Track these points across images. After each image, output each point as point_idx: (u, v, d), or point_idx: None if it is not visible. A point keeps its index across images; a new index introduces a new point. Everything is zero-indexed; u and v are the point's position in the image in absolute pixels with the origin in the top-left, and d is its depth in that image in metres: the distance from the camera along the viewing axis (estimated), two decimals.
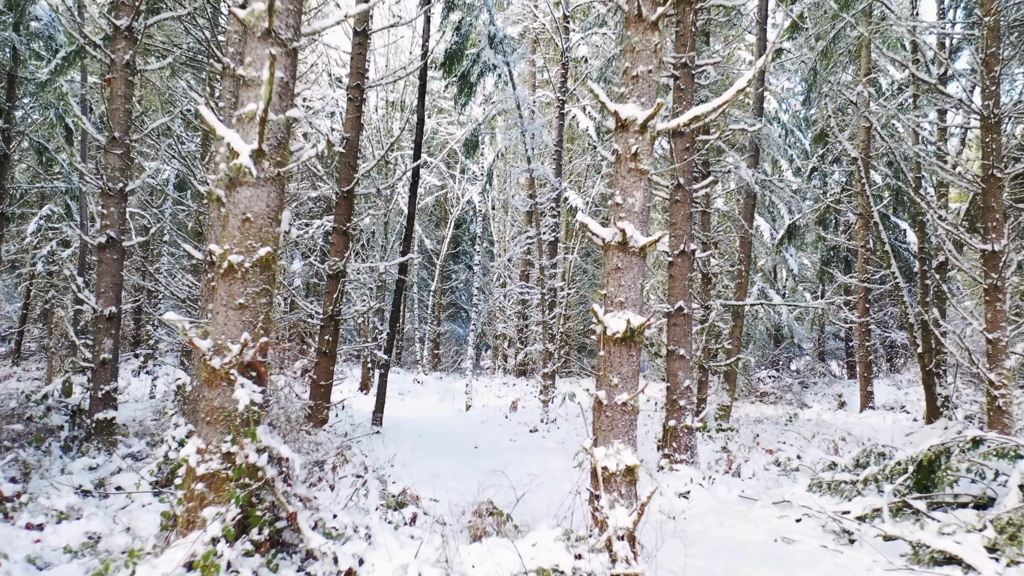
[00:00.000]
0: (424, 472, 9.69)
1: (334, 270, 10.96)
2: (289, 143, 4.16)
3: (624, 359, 4.66)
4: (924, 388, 12.73)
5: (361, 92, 11.03)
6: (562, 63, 15.97)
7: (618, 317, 4.67)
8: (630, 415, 4.66)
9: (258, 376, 4.00)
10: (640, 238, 4.72)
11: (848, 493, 7.41)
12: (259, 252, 4.03)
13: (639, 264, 4.77)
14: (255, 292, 4.02)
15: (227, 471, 3.86)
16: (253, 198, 4.04)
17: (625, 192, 4.77)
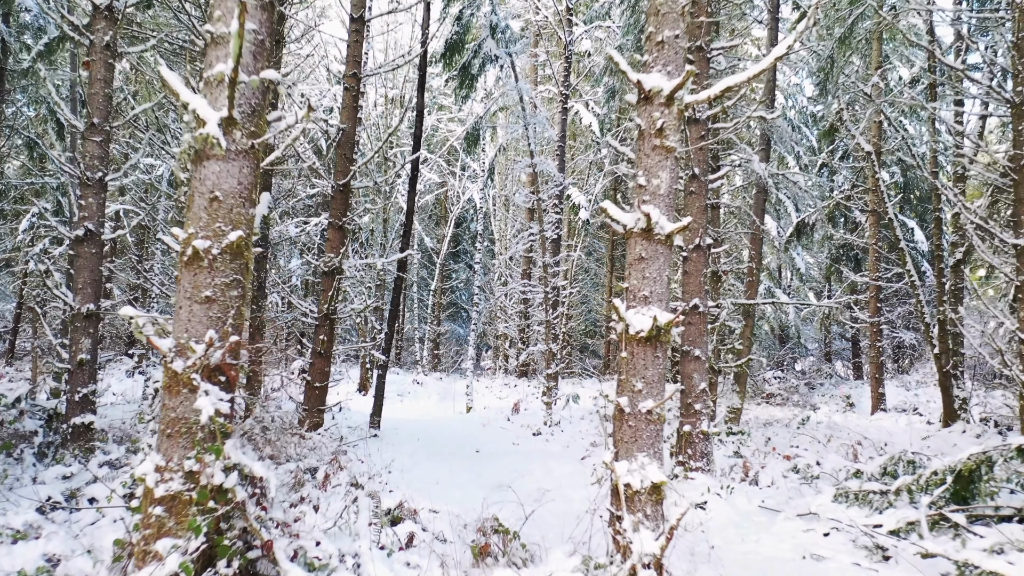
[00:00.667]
0: (423, 479, 9.06)
1: (330, 267, 10.34)
2: (266, 111, 3.53)
3: (649, 361, 4.05)
4: (941, 390, 12.11)
5: (358, 82, 10.42)
6: (565, 56, 15.36)
7: (642, 313, 4.06)
8: (656, 425, 4.05)
9: (227, 382, 3.38)
10: (666, 224, 4.11)
11: (878, 505, 6.79)
12: (229, 236, 3.40)
13: (665, 253, 4.16)
14: (224, 283, 3.40)
15: (190, 493, 3.23)
16: (222, 174, 3.42)
17: (649, 172, 4.15)
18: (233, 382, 3.39)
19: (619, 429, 4.09)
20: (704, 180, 7.93)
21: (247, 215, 3.48)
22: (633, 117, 4.25)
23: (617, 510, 4.02)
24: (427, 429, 13.27)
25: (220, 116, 3.35)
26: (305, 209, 21.90)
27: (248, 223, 3.49)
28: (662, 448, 4.06)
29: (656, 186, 4.13)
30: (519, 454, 10.94)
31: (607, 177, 19.61)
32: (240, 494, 3.26)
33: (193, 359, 3.26)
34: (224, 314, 3.39)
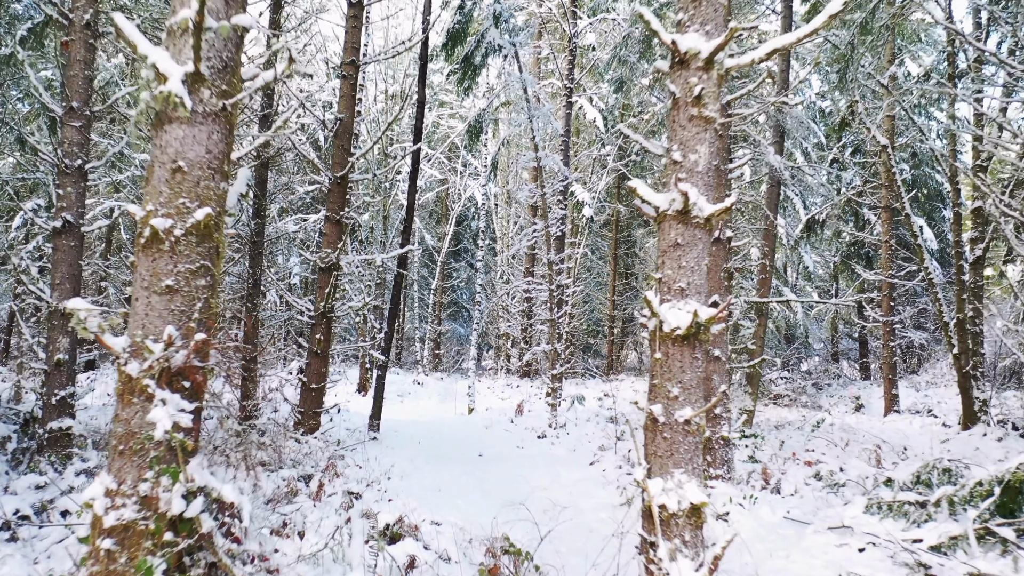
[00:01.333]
0: (424, 485, 8.47)
1: (326, 262, 9.74)
2: (239, 66, 2.93)
3: (686, 363, 3.46)
4: (960, 391, 11.53)
5: (356, 70, 9.83)
6: (569, 49, 14.77)
7: (679, 308, 3.47)
8: (695, 437, 3.46)
9: (192, 388, 2.78)
10: (705, 205, 3.52)
11: (916, 517, 6.21)
12: (195, 215, 2.81)
13: (704, 239, 3.57)
14: (189, 270, 2.80)
15: (146, 523, 2.63)
16: (187, 140, 2.83)
17: (685, 146, 3.57)
18: (199, 388, 2.79)
19: (652, 442, 3.50)
20: (724, 169, 7.36)
21: (217, 190, 2.89)
22: (666, 84, 3.65)
23: (650, 535, 3.43)
24: (428, 431, 12.68)
25: (184, 71, 2.76)
26: (305, 207, 21.30)
27: (219, 200, 2.89)
28: (702, 463, 3.47)
29: (694, 162, 3.55)
30: (524, 458, 10.35)
31: (611, 174, 19.04)
32: (206, 523, 2.66)
33: (150, 361, 2.66)
34: (189, 307, 2.79)
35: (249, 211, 12.04)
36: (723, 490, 7.04)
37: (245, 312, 11.23)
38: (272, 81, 2.93)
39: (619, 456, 9.49)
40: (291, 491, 6.80)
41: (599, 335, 22.46)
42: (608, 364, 20.72)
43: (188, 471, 2.63)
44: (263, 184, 11.22)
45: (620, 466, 8.98)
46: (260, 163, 11.07)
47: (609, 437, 11.30)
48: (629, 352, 25.04)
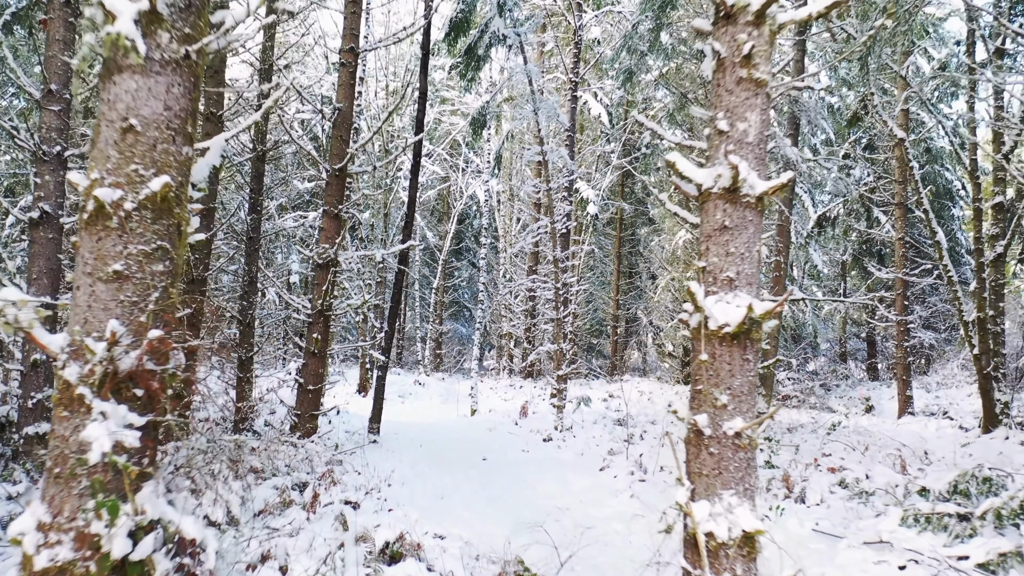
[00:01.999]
0: (426, 493, 7.92)
1: (324, 258, 9.20)
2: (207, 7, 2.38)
3: (736, 366, 2.91)
4: (980, 393, 11.00)
5: (356, 57, 9.30)
6: (575, 42, 14.23)
7: (727, 301, 2.93)
8: (746, 452, 2.91)
9: (146, 396, 2.23)
10: (757, 181, 2.98)
11: (958, 531, 5.67)
12: (151, 185, 2.26)
13: (756, 221, 3.03)
14: (143, 253, 2.26)
15: (86, 565, 2.08)
16: (142, 93, 2.28)
17: (733, 113, 3.02)
18: (156, 397, 2.25)
19: (696, 458, 2.96)
20: None
21: (179, 155, 2.34)
22: (711, 44, 3.11)
23: (695, 567, 2.89)
24: (430, 434, 12.13)
25: (137, 8, 2.22)
26: (305, 204, 20.75)
27: (181, 167, 2.35)
28: (756, 483, 2.92)
29: (743, 132, 3.00)
30: (530, 463, 9.80)
31: (615, 171, 18.50)
32: (161, 565, 2.12)
33: (93, 363, 2.11)
34: (142, 297, 2.25)
35: (245, 206, 11.51)
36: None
37: (241, 311, 10.69)
38: (245, 19, 2.38)
39: (630, 461, 8.95)
40: (283, 502, 6.26)
41: (602, 335, 21.91)
42: (612, 364, 20.17)
43: (138, 501, 2.08)
44: (259, 178, 10.68)
45: (632, 472, 8.44)
46: (256, 156, 10.54)
47: (617, 441, 10.75)
48: (632, 352, 24.49)
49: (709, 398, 2.92)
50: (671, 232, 17.33)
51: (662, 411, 13.19)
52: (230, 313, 13.29)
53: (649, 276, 21.47)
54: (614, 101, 17.80)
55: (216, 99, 9.54)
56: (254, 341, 10.79)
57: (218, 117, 9.26)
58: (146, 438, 2.22)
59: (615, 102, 17.42)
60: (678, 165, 3.10)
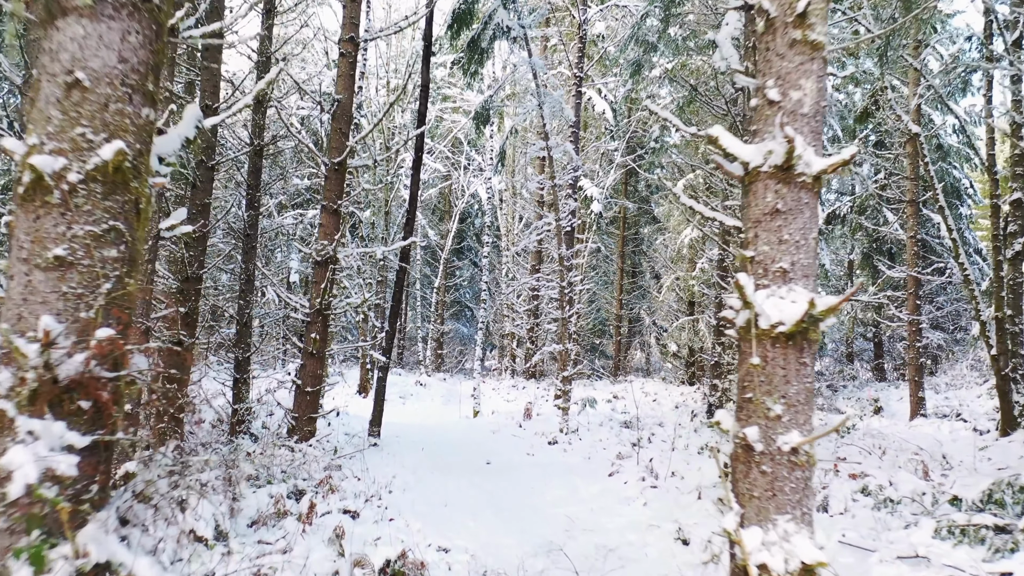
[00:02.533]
0: (429, 500, 7.50)
1: (323, 255, 8.78)
2: None
3: (792, 371, 2.50)
4: (998, 395, 10.58)
5: (356, 47, 8.89)
6: (579, 36, 13.82)
7: (781, 297, 2.51)
8: (804, 471, 2.49)
9: (93, 410, 1.80)
10: (813, 158, 2.56)
11: (998, 545, 5.25)
12: (102, 152, 1.84)
13: (812, 204, 2.61)
14: (91, 235, 1.84)
15: None
16: (91, 42, 1.86)
17: (785, 81, 2.61)
18: (105, 410, 1.82)
19: (745, 477, 2.54)
20: None
21: (137, 118, 1.91)
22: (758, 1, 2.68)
23: None
24: (432, 436, 11.71)
25: None
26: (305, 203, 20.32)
27: (140, 133, 1.92)
28: (813, 507, 2.50)
29: (797, 101, 2.58)
30: (535, 467, 9.38)
31: (619, 170, 18.07)
32: None
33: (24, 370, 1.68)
34: (89, 289, 1.82)
35: (242, 202, 11.09)
36: None
37: (238, 310, 10.28)
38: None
39: (641, 467, 8.53)
40: (278, 512, 5.84)
41: (605, 335, 21.48)
42: (615, 365, 19.74)
43: (80, 541, 1.66)
44: (257, 174, 10.27)
45: (643, 478, 8.02)
46: (254, 151, 10.13)
47: (625, 444, 10.33)
48: (635, 352, 24.07)
49: (760, 408, 2.50)
50: (676, 231, 16.92)
51: (669, 413, 12.77)
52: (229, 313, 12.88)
53: (653, 275, 21.06)
54: (618, 98, 17.39)
55: (211, 92, 9.14)
56: (251, 341, 10.38)
57: (213, 110, 8.85)
58: (92, 461, 1.80)
59: (619, 99, 17.00)
60: (721, 140, 2.68)
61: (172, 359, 8.60)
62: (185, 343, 8.60)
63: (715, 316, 12.09)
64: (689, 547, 5.83)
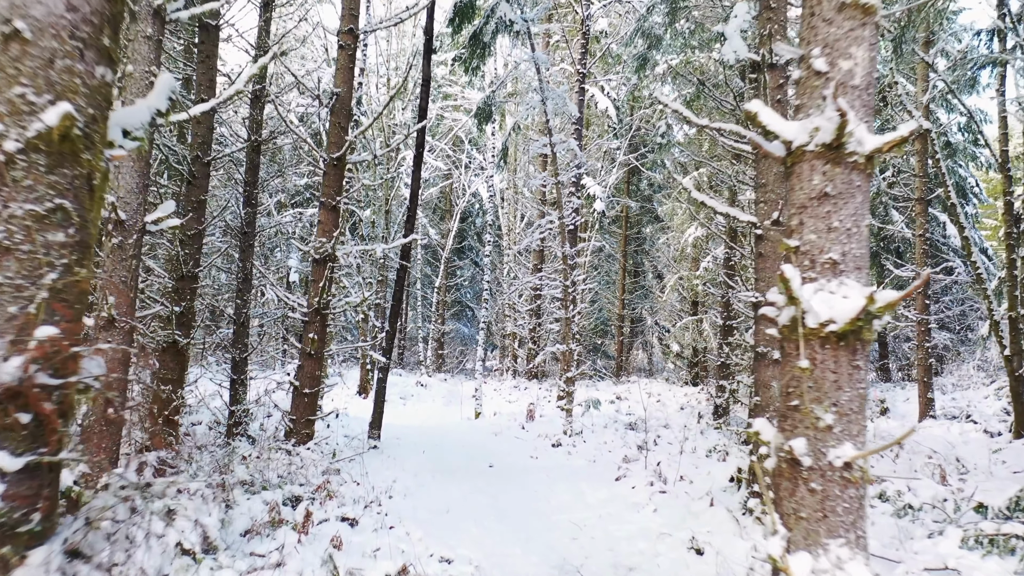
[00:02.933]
0: (430, 506, 7.19)
1: (321, 253, 8.47)
2: None
3: (844, 375, 2.19)
4: (1012, 396, 10.27)
5: (355, 39, 8.58)
6: (582, 32, 13.53)
7: (831, 291, 2.21)
8: (858, 488, 2.18)
9: (34, 424, 1.48)
10: (866, 135, 2.26)
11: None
12: (45, 117, 1.53)
13: (864, 187, 2.30)
14: (32, 215, 1.52)
15: None
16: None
17: (833, 49, 2.30)
18: (48, 424, 1.51)
19: (791, 495, 2.22)
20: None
21: (91, 78, 1.61)
22: None
23: None
24: (433, 438, 11.40)
25: None
26: (305, 202, 20.01)
27: (94, 96, 1.61)
28: (867, 528, 2.20)
29: (847, 72, 2.28)
30: (540, 471, 9.06)
31: (621, 168, 17.77)
32: None
33: None
34: (29, 279, 1.51)
35: (239, 199, 10.79)
36: None
37: (236, 309, 9.98)
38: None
39: (649, 471, 8.22)
40: (272, 520, 5.53)
41: (607, 335, 21.17)
42: (617, 365, 19.43)
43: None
44: (255, 170, 9.98)
45: (651, 483, 7.71)
46: (252, 147, 9.83)
47: (631, 447, 10.03)
48: (637, 352, 23.76)
49: (808, 418, 2.19)
50: (680, 229, 16.61)
51: (675, 414, 12.47)
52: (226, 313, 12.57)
53: (655, 275, 20.75)
54: (621, 96, 17.09)
55: (208, 86, 8.84)
56: (248, 341, 10.08)
57: None
58: (31, 486, 1.49)
59: (622, 97, 16.70)
60: (761, 116, 2.37)
61: (167, 360, 8.31)
62: (180, 343, 8.30)
63: (721, 316, 11.78)
64: (703, 557, 5.53)
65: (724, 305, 11.63)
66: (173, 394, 8.24)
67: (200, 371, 10.92)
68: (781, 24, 6.13)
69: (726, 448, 9.46)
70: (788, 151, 2.38)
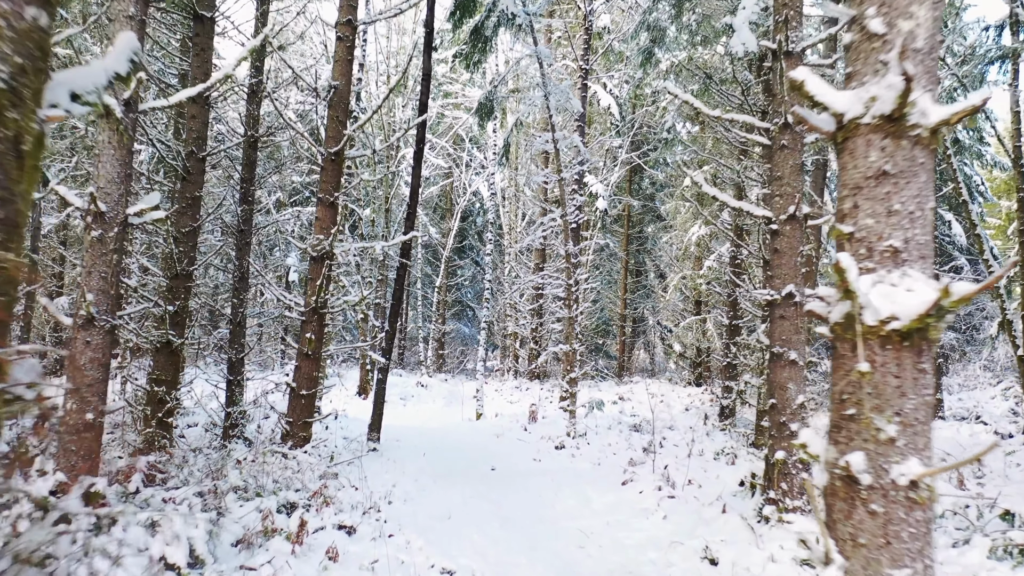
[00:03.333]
0: (431, 512, 6.89)
1: (318, 250, 8.17)
2: None
3: (909, 380, 1.89)
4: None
5: (353, 30, 8.29)
6: (585, 28, 13.24)
7: (893, 284, 1.91)
8: (925, 511, 1.88)
9: None
10: (930, 106, 1.96)
11: None
12: None
13: (928, 165, 2.01)
14: None
15: None
16: None
17: (892, 7, 2.01)
18: None
19: (847, 518, 1.92)
20: (799, 131, 5.80)
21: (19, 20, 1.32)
22: None
23: None
24: (433, 440, 11.08)
25: None
26: (304, 201, 19.70)
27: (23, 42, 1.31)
28: (934, 556, 1.89)
29: (909, 33, 1.98)
30: (543, 475, 8.76)
31: (623, 166, 17.47)
32: None
33: None
34: None
35: (236, 196, 10.49)
36: (804, 526, 5.46)
37: (232, 309, 9.68)
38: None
39: (656, 474, 7.91)
40: (266, 530, 5.22)
41: (609, 335, 20.87)
42: (619, 365, 19.13)
43: None
44: (251, 166, 9.69)
45: (659, 487, 7.40)
46: (248, 143, 9.54)
47: (636, 449, 9.73)
48: (639, 352, 23.45)
49: (868, 429, 1.89)
50: (683, 228, 16.32)
51: (680, 415, 12.17)
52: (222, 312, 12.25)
53: (657, 275, 20.45)
54: (623, 94, 16.80)
55: (203, 79, 8.52)
56: (245, 342, 9.78)
57: (205, 98, 8.26)
58: None
59: (624, 95, 16.42)
60: (808, 85, 2.07)
61: (161, 360, 8.01)
62: (174, 343, 8.00)
63: (727, 315, 11.48)
64: (718, 568, 5.23)
65: (731, 304, 11.33)
66: (167, 395, 7.94)
67: (196, 372, 10.63)
68: (797, 10, 5.83)
69: (734, 451, 9.16)
70: (839, 125, 2.07)
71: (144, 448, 7.72)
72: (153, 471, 6.46)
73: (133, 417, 8.19)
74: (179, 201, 8.21)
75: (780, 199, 5.74)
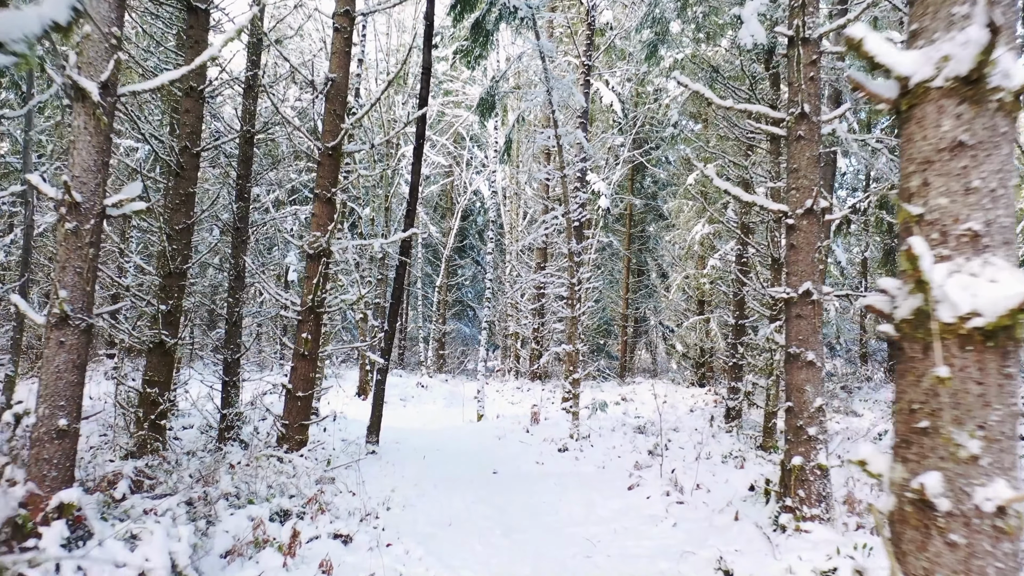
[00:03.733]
0: (431, 519, 6.59)
1: (315, 248, 7.87)
2: None
3: (993, 387, 1.59)
4: None
5: (351, 21, 8.00)
6: (587, 23, 12.95)
7: (973, 274, 1.60)
8: (1013, 542, 1.58)
9: None
10: (1014, 66, 1.66)
11: None
12: None
13: (1011, 134, 1.70)
14: None
15: None
16: None
17: None
18: None
19: (921, 549, 1.62)
20: (816, 121, 5.50)
21: None
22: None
23: None
24: (434, 443, 10.77)
25: None
26: (304, 200, 19.41)
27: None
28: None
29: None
30: (546, 478, 8.45)
31: (625, 165, 17.18)
32: None
33: None
34: None
35: (231, 193, 10.20)
36: (822, 535, 5.16)
37: (228, 308, 9.38)
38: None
39: (663, 479, 7.61)
40: (257, 540, 4.92)
41: (610, 335, 20.56)
42: (621, 365, 18.83)
43: None
44: (247, 163, 9.40)
45: (667, 492, 7.10)
46: (244, 138, 9.25)
47: (641, 452, 9.43)
48: (641, 352, 23.15)
49: (945, 445, 1.59)
50: (686, 227, 16.01)
51: (684, 417, 11.86)
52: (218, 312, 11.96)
53: (659, 274, 20.16)
54: (626, 92, 16.51)
55: (198, 73, 8.23)
56: (241, 342, 9.48)
57: (199, 92, 7.97)
58: None
59: (627, 93, 16.12)
60: (867, 44, 1.77)
61: (153, 361, 7.72)
62: (168, 343, 7.70)
63: (733, 315, 11.18)
64: None
65: (736, 303, 11.03)
66: (160, 397, 7.65)
67: (191, 373, 10.33)
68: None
69: (742, 454, 8.86)
70: (903, 90, 1.78)
71: (136, 451, 7.43)
72: (142, 476, 6.16)
73: (125, 420, 7.91)
74: (173, 197, 7.92)
75: (797, 192, 5.45)
